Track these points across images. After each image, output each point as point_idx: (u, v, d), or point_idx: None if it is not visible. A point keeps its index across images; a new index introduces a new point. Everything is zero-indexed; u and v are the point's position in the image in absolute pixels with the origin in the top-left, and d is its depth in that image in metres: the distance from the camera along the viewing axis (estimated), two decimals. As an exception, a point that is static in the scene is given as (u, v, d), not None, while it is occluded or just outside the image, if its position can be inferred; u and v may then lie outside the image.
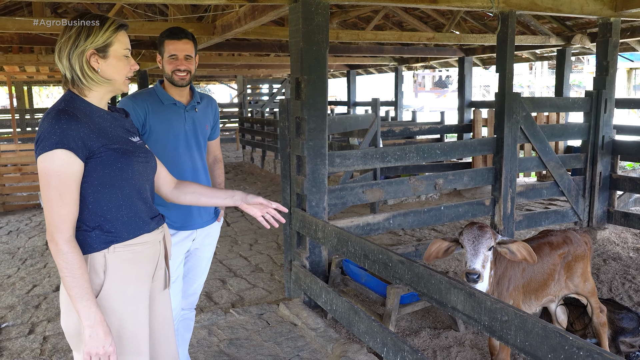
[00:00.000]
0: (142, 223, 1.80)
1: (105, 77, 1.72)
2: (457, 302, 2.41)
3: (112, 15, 6.66)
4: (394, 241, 6.02)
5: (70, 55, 1.68)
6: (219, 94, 36.93)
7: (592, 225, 5.81)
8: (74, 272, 1.60)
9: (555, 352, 1.93)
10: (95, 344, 1.63)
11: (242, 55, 11.95)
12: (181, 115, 2.68)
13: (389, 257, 2.86)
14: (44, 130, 1.61)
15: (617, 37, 5.50)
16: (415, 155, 4.62)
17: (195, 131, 2.74)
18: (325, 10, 3.82)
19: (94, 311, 1.63)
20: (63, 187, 1.60)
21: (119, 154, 1.72)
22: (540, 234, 3.35)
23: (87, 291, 1.62)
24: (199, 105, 2.77)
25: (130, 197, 1.76)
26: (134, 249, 1.76)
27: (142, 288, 1.79)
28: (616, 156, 5.75)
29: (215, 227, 2.89)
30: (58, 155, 1.59)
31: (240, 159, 14.10)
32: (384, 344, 2.92)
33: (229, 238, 6.39)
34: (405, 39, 7.87)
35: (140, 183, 1.80)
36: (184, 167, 2.69)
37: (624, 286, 4.58)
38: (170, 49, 2.58)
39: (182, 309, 2.91)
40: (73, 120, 1.62)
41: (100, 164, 1.67)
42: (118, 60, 1.73)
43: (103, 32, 1.69)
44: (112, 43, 1.71)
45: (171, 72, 2.57)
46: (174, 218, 2.66)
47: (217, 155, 3.04)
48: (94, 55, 1.69)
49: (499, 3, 4.63)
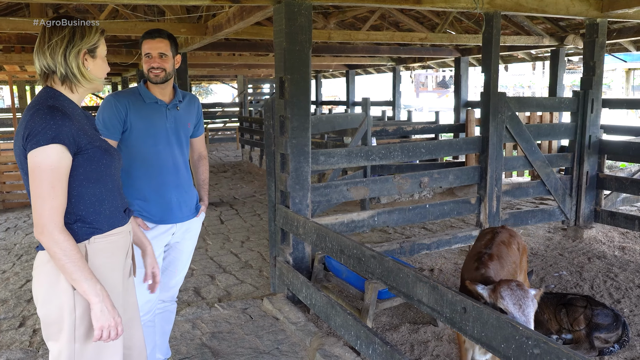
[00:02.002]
0: (120, 216, 1.92)
1: (92, 76, 1.83)
2: (422, 295, 2.49)
3: (106, 16, 6.78)
4: (383, 239, 6.09)
5: (67, 54, 1.76)
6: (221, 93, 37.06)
7: (579, 224, 5.87)
8: (73, 257, 1.70)
9: (507, 341, 2.01)
10: (106, 317, 1.74)
11: (242, 55, 12.05)
12: (162, 113, 2.76)
13: (362, 252, 2.94)
14: (37, 125, 1.67)
15: (603, 37, 5.55)
16: (400, 154, 4.69)
17: (176, 129, 2.82)
18: (308, 11, 3.90)
19: (99, 287, 1.74)
20: (55, 180, 1.68)
21: (102, 151, 1.82)
22: (484, 235, 3.31)
23: (88, 271, 1.72)
24: (181, 103, 2.84)
25: (112, 191, 1.87)
26: (110, 239, 1.87)
27: (117, 276, 1.91)
28: (603, 156, 5.80)
29: (196, 222, 2.97)
30: (54, 150, 1.67)
31: (239, 158, 14.21)
32: (358, 336, 3.00)
33: (221, 235, 6.48)
34: (397, 39, 7.95)
35: (118, 179, 1.93)
36: (165, 163, 2.77)
37: (606, 284, 4.64)
38: (146, 47, 2.67)
39: (163, 301, 2.99)
40: (66, 117, 1.71)
41: (87, 160, 1.77)
42: (102, 61, 1.86)
43: (94, 33, 1.81)
44: (99, 45, 1.83)
45: (147, 70, 2.66)
46: (153, 212, 2.74)
47: (201, 152, 3.12)
48: (86, 55, 1.80)
49: (483, 4, 4.69)
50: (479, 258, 2.94)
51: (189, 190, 2.87)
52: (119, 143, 2.66)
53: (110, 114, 2.61)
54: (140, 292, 2.72)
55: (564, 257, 5.38)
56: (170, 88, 2.80)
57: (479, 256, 2.97)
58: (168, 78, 2.71)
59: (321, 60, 11.98)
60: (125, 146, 2.67)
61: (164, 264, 2.91)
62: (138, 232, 2.24)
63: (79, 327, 1.79)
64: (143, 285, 2.71)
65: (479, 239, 3.31)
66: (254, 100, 18.96)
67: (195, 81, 22.98)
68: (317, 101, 16.46)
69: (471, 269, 2.90)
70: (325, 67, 13.77)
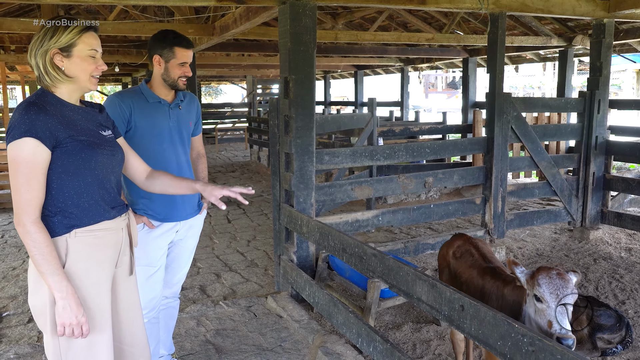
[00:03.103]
0: (103, 211, 1.92)
1: (68, 75, 1.85)
2: (421, 293, 2.51)
3: (115, 16, 6.86)
4: (388, 238, 6.11)
5: (36, 54, 1.82)
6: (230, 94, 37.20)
7: (585, 225, 5.85)
8: (42, 250, 1.73)
9: (504, 339, 2.03)
10: (68, 314, 1.76)
11: (251, 55, 12.12)
12: (165, 113, 2.80)
13: (363, 250, 2.96)
14: (15, 120, 1.75)
15: (610, 38, 5.53)
16: (405, 154, 4.71)
17: (179, 128, 2.87)
18: (313, 12, 3.94)
19: (65, 284, 1.76)
20: (30, 173, 1.73)
21: (84, 145, 1.84)
22: (458, 242, 3.21)
23: (56, 266, 1.76)
24: (182, 102, 2.89)
25: (92, 185, 1.88)
26: (95, 234, 1.88)
27: (104, 271, 1.92)
28: (610, 157, 5.78)
29: (198, 219, 3.01)
30: (27, 143, 1.72)
31: (248, 158, 14.28)
32: (359, 334, 3.03)
33: (228, 234, 6.53)
34: (405, 40, 7.96)
35: (103, 174, 1.92)
36: (169, 161, 2.82)
37: (611, 285, 4.63)
38: (181, 56, 2.72)
39: (166, 297, 3.04)
40: (42, 111, 1.76)
41: (65, 153, 1.80)
42: (82, 60, 1.85)
43: (67, 33, 1.82)
44: (75, 44, 1.84)
45: (177, 77, 2.73)
46: (157, 210, 2.79)
47: (200, 151, 3.17)
48: (58, 55, 1.83)
49: (488, 4, 4.70)
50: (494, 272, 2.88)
51: None
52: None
53: (113, 113, 2.65)
54: (144, 290, 2.77)
55: (570, 258, 5.36)
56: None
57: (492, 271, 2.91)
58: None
59: (329, 60, 12.01)
60: (130, 145, 2.72)
61: (167, 260, 2.95)
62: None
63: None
64: (148, 282, 2.77)
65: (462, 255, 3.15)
66: (263, 101, 19.03)
67: (205, 81, 23.10)
68: (325, 101, 16.49)
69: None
70: (333, 67, 13.80)
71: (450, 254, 3.18)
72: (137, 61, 9.91)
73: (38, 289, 1.82)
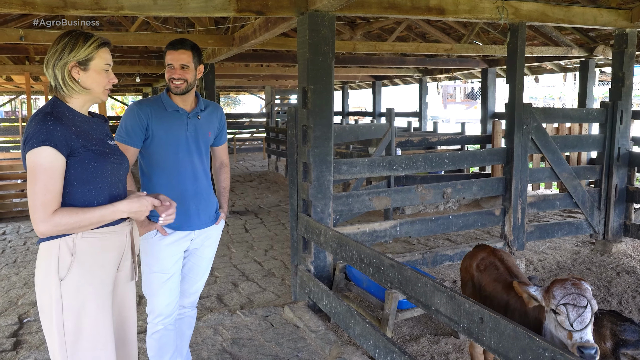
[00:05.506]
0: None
1: (84, 87, 1.95)
2: (440, 304, 2.48)
3: (137, 27, 6.98)
4: (406, 249, 6.06)
5: (54, 66, 1.91)
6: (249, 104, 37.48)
7: (608, 238, 5.74)
8: (80, 218, 1.84)
9: (524, 352, 1.99)
10: (140, 209, 1.99)
11: (269, 66, 12.22)
12: (183, 122, 2.82)
13: (381, 260, 2.95)
14: (32, 130, 1.82)
15: (633, 48, 5.46)
16: (423, 164, 4.69)
17: (196, 137, 2.87)
18: (331, 23, 3.96)
19: (116, 207, 1.94)
20: (48, 179, 1.80)
21: (96, 154, 1.93)
22: (481, 254, 3.15)
23: (102, 208, 1.90)
24: (203, 112, 2.90)
25: (102, 192, 1.96)
26: (100, 235, 1.95)
27: (107, 273, 1.99)
28: (633, 168, 5.68)
29: (215, 229, 3.00)
30: (45, 151, 1.80)
31: (265, 168, 14.34)
32: (376, 345, 3.00)
33: (245, 244, 6.55)
34: (423, 50, 7.95)
35: (112, 181, 2.01)
36: (184, 170, 2.83)
37: (635, 299, 4.52)
38: (168, 58, 2.74)
39: (183, 306, 3.04)
40: (58, 122, 1.84)
41: (79, 162, 1.88)
42: (97, 74, 1.97)
43: (85, 48, 1.93)
44: (93, 58, 1.95)
45: (168, 80, 2.73)
46: None
47: (223, 161, 3.17)
48: (76, 67, 1.93)
49: (508, 14, 4.67)
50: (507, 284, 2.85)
51: (208, 198, 2.90)
52: (141, 150, 2.74)
53: (132, 122, 2.68)
54: (160, 296, 2.78)
55: (592, 271, 5.26)
56: (192, 97, 2.86)
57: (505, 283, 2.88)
58: (189, 89, 2.77)
59: (347, 71, 12.04)
60: (147, 153, 2.75)
61: (184, 270, 2.96)
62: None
63: (67, 318, 1.87)
64: (162, 289, 2.78)
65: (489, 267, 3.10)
66: (281, 111, 19.13)
67: (224, 92, 23.32)
68: (343, 112, 16.51)
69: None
70: (351, 78, 13.84)
71: (474, 266, 3.13)
72: (157, 72, 10.05)
73: (44, 289, 1.87)
